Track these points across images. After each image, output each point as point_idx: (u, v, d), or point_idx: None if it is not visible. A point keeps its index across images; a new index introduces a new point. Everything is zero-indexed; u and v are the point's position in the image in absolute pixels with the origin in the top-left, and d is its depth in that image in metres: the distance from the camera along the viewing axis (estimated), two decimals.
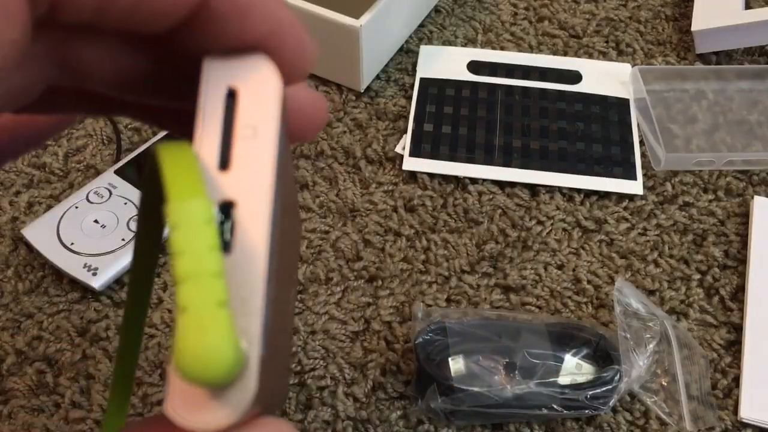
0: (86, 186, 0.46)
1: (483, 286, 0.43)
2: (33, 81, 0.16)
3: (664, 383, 0.38)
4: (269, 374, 0.16)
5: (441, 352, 0.38)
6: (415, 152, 0.49)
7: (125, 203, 0.45)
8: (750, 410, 0.38)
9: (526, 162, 0.48)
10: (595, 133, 0.50)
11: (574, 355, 0.38)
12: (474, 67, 0.54)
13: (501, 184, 0.48)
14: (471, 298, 0.43)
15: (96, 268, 0.42)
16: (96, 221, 0.44)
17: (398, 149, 0.50)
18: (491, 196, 0.47)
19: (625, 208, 0.47)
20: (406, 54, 0.56)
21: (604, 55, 0.56)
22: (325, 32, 0.49)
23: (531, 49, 0.56)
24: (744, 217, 0.46)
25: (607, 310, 0.42)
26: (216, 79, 0.16)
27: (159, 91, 0.18)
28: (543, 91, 0.53)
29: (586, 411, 0.37)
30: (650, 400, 0.37)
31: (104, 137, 0.50)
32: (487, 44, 0.56)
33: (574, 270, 0.44)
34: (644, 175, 0.48)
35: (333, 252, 0.44)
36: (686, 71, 0.54)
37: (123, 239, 0.43)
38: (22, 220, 0.45)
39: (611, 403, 0.37)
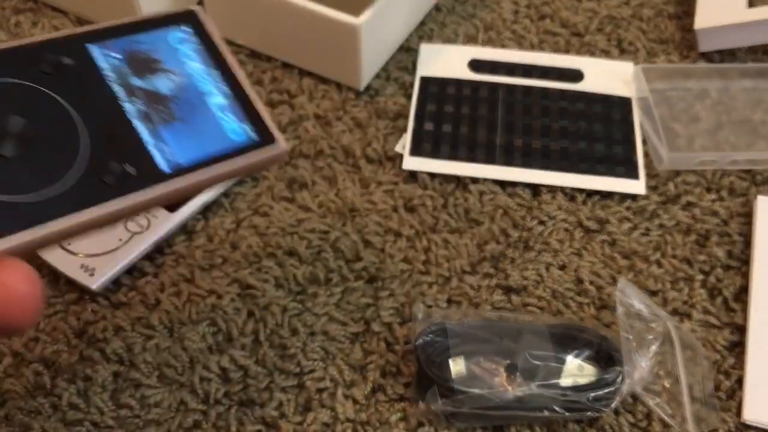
0: None
1: (484, 287, 0.43)
2: None
3: (666, 385, 0.38)
4: None
5: (441, 354, 0.38)
6: (415, 151, 0.48)
7: None
8: (753, 412, 0.38)
9: (527, 161, 0.48)
10: (597, 132, 0.50)
11: (576, 356, 0.38)
12: (475, 65, 0.54)
13: (502, 184, 0.48)
14: (472, 298, 0.42)
15: (93, 269, 0.41)
16: None
17: (398, 148, 0.49)
18: (492, 196, 0.47)
19: (628, 208, 0.47)
20: (407, 52, 0.55)
21: (606, 54, 0.55)
22: (324, 30, 0.49)
23: (532, 48, 0.56)
24: (747, 217, 0.46)
25: (610, 311, 0.42)
26: None
27: None
28: (544, 90, 0.52)
29: (588, 413, 0.36)
30: (653, 401, 0.37)
31: None
32: (488, 42, 0.56)
33: (576, 270, 0.44)
34: (647, 174, 0.48)
35: (332, 252, 0.44)
36: (689, 70, 0.54)
37: (120, 239, 0.42)
38: None
39: (613, 405, 0.36)
